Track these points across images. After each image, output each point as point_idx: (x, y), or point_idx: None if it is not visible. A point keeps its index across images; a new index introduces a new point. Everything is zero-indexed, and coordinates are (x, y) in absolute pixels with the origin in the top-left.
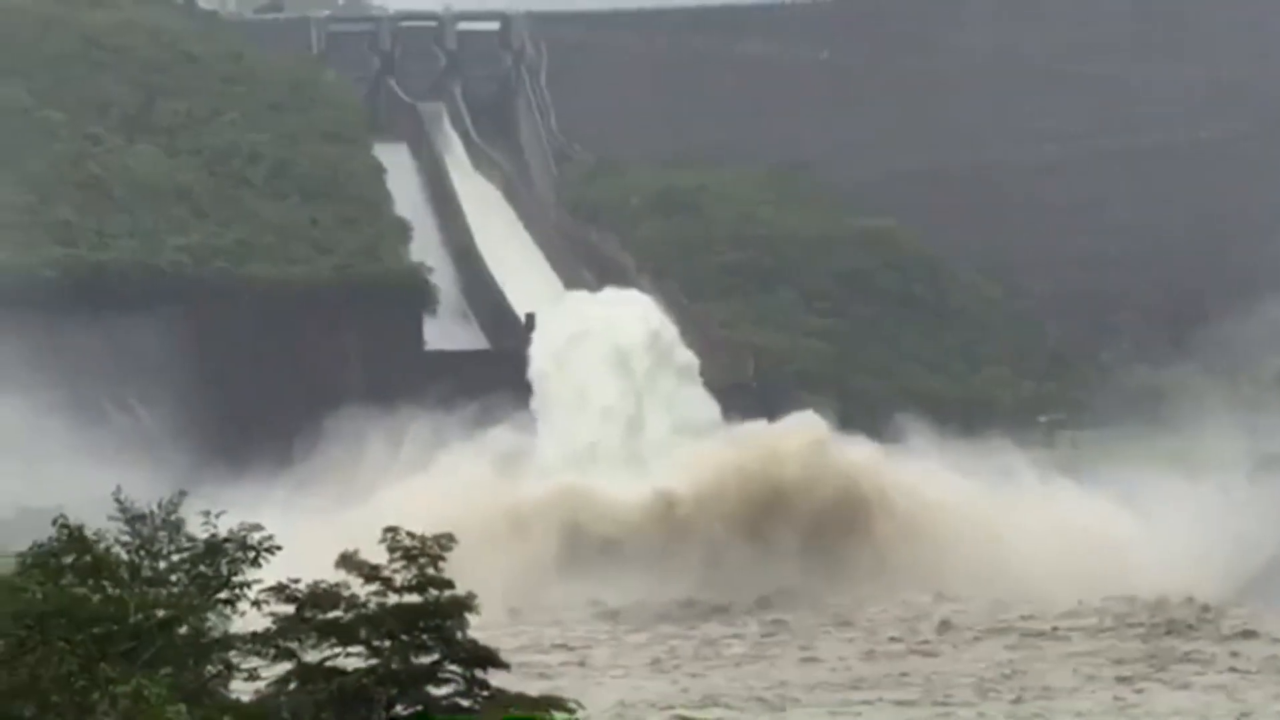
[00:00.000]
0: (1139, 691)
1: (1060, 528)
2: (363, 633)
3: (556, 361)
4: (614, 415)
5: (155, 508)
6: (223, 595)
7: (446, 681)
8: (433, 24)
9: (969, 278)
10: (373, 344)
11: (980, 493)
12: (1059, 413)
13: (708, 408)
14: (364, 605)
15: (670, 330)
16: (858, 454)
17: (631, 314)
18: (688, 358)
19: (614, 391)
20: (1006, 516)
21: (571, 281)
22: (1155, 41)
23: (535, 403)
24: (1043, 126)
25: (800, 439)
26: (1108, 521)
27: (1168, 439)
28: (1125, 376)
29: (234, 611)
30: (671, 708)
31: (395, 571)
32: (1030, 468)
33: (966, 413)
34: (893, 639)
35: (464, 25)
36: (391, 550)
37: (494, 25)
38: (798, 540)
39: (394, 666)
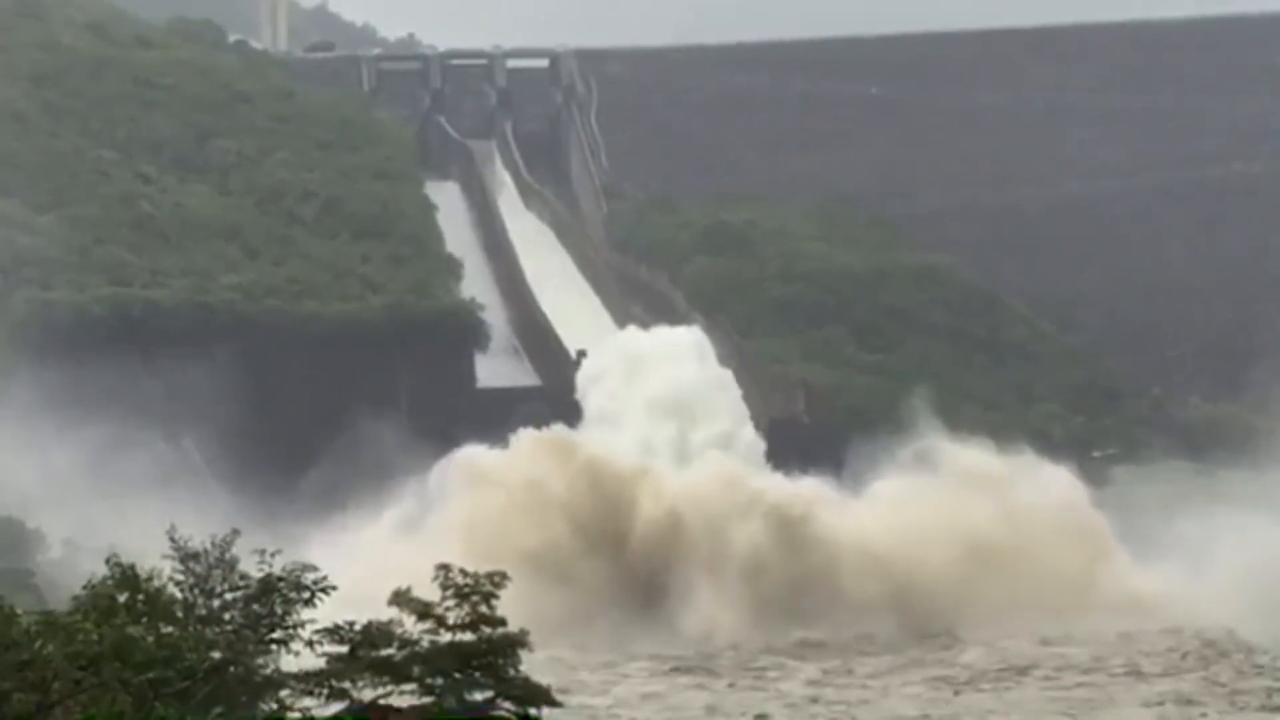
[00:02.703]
0: None
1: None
2: (416, 671)
3: (606, 396)
4: (664, 449)
5: (209, 546)
6: (276, 635)
7: (500, 719)
8: (482, 62)
9: (1021, 312)
10: (424, 381)
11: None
12: (1113, 448)
13: (753, 446)
14: (417, 643)
15: (717, 365)
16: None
17: (682, 349)
18: (735, 390)
19: (667, 426)
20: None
21: (622, 318)
22: (1208, 75)
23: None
24: (1095, 161)
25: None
26: None
27: (1225, 474)
28: (1179, 411)
29: (288, 651)
30: None
31: (448, 610)
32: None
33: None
34: None
35: (513, 63)
36: (444, 588)
37: (543, 63)
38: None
39: (447, 704)
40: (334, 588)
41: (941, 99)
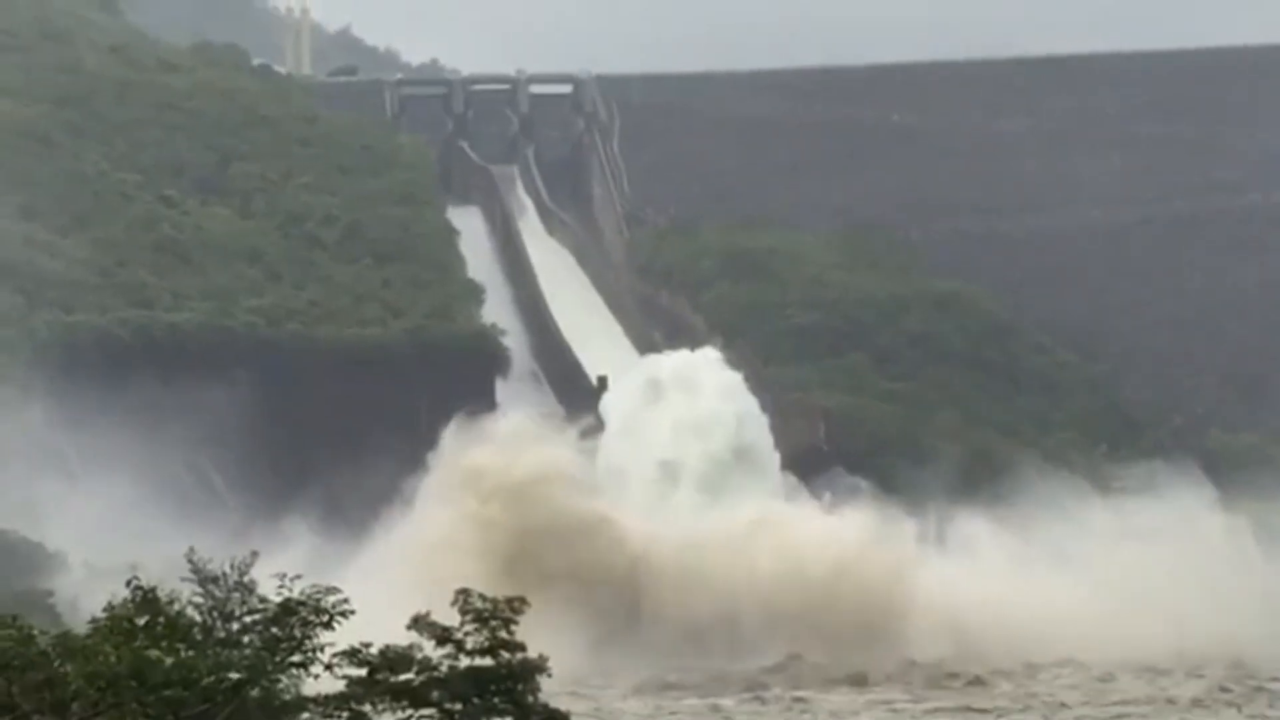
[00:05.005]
0: None
1: None
2: (435, 695)
3: (629, 422)
4: (692, 477)
5: (228, 569)
6: (295, 658)
7: None
8: (505, 87)
9: (1041, 340)
10: (445, 406)
11: None
12: (1132, 478)
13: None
14: (436, 668)
15: (743, 389)
16: None
17: (704, 373)
18: (760, 417)
19: (695, 454)
20: None
21: (642, 344)
22: (1229, 104)
23: (601, 461)
24: (1116, 189)
25: None
26: None
27: (1247, 505)
28: (1198, 440)
29: (307, 674)
30: None
31: (467, 634)
32: None
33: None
34: None
35: (536, 88)
36: (463, 613)
37: (566, 88)
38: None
39: None
40: (353, 612)
41: (963, 126)
